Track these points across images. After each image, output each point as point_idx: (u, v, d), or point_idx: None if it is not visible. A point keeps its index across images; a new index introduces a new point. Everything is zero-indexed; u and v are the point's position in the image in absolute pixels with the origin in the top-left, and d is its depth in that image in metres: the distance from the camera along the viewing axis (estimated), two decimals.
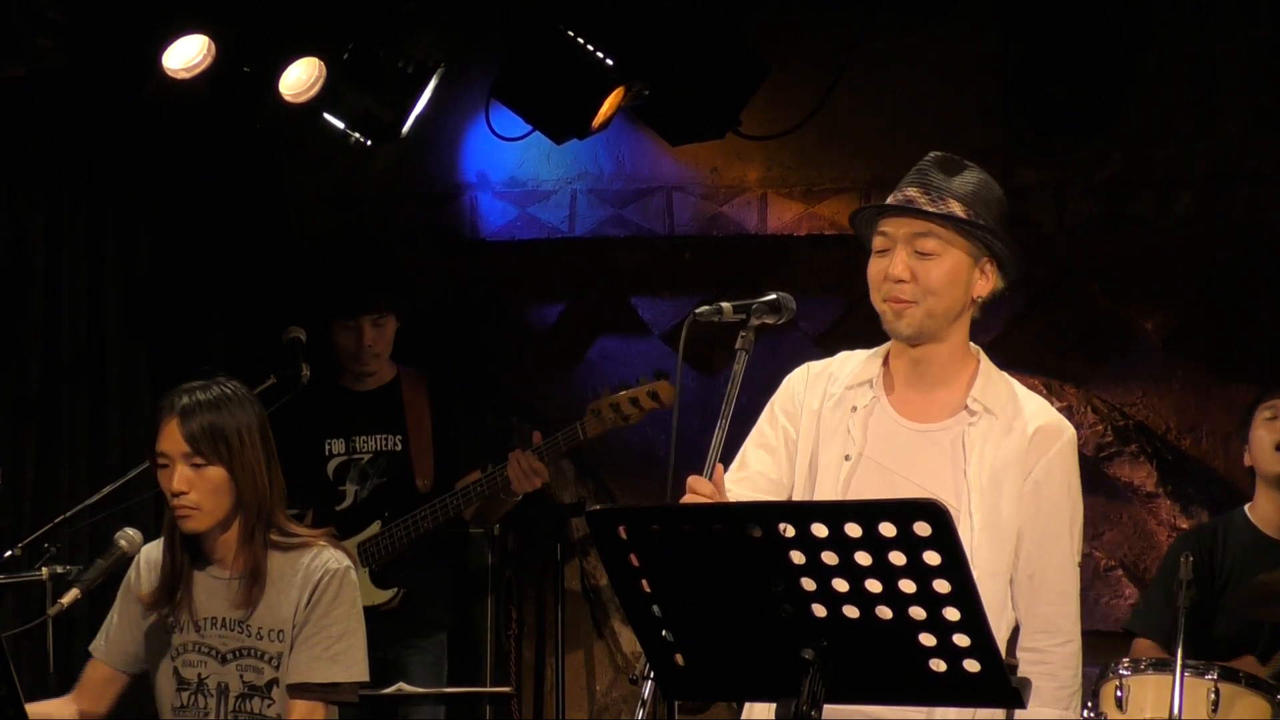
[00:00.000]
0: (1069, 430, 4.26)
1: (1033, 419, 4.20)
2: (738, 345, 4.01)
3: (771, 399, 4.34)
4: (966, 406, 4.19)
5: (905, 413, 4.23)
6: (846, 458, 4.20)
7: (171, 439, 4.72)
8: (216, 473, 4.72)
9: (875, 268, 4.17)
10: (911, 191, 4.17)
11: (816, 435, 4.26)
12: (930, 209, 4.13)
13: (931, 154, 4.24)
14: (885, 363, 4.28)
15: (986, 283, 4.20)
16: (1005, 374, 4.31)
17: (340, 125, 6.82)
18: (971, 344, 4.29)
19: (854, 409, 4.24)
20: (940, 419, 4.21)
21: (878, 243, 4.17)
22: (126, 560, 4.91)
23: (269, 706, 4.79)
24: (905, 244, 4.13)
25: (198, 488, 4.71)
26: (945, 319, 4.16)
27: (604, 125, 7.00)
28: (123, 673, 4.96)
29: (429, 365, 7.09)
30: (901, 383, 4.25)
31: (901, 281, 4.11)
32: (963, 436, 4.17)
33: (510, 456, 6.52)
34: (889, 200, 4.22)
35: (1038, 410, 4.24)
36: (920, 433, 4.20)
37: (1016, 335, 7.39)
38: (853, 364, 4.33)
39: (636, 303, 7.81)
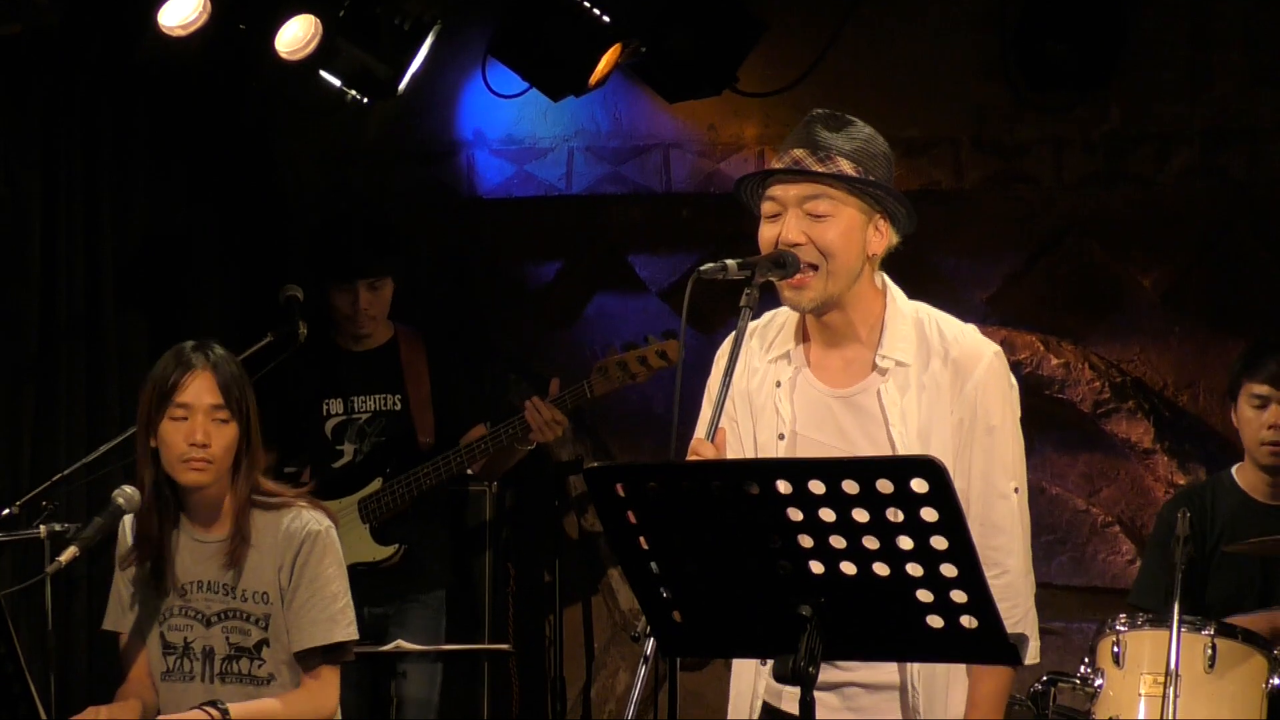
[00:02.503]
0: (988, 351, 4.15)
1: (950, 350, 4.12)
2: (742, 303, 3.97)
3: (708, 383, 4.28)
4: (875, 365, 4.13)
5: (826, 380, 4.18)
6: (781, 436, 4.17)
7: (201, 391, 4.75)
8: (232, 429, 4.78)
9: (767, 234, 4.09)
10: (798, 152, 4.10)
11: (751, 415, 4.24)
12: (820, 169, 4.06)
13: (814, 111, 4.17)
14: (801, 331, 4.24)
15: (881, 239, 4.13)
16: (920, 306, 4.21)
17: (336, 83, 6.80)
18: (879, 279, 4.20)
19: (778, 384, 4.21)
20: (858, 380, 4.15)
21: (767, 208, 4.11)
22: (121, 517, 4.91)
23: (259, 667, 4.81)
24: (796, 207, 4.06)
25: (216, 441, 4.75)
26: (846, 281, 4.09)
27: (601, 82, 6.99)
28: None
29: (426, 323, 7.08)
30: (817, 349, 4.20)
31: (798, 245, 4.05)
32: (880, 396, 4.12)
33: (528, 405, 6.50)
34: (775, 163, 4.17)
35: (954, 339, 4.14)
36: (843, 398, 4.15)
37: (1014, 291, 7.40)
38: (772, 332, 4.28)
39: (634, 260, 7.80)
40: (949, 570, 3.27)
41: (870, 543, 3.28)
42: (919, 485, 3.21)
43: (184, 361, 4.78)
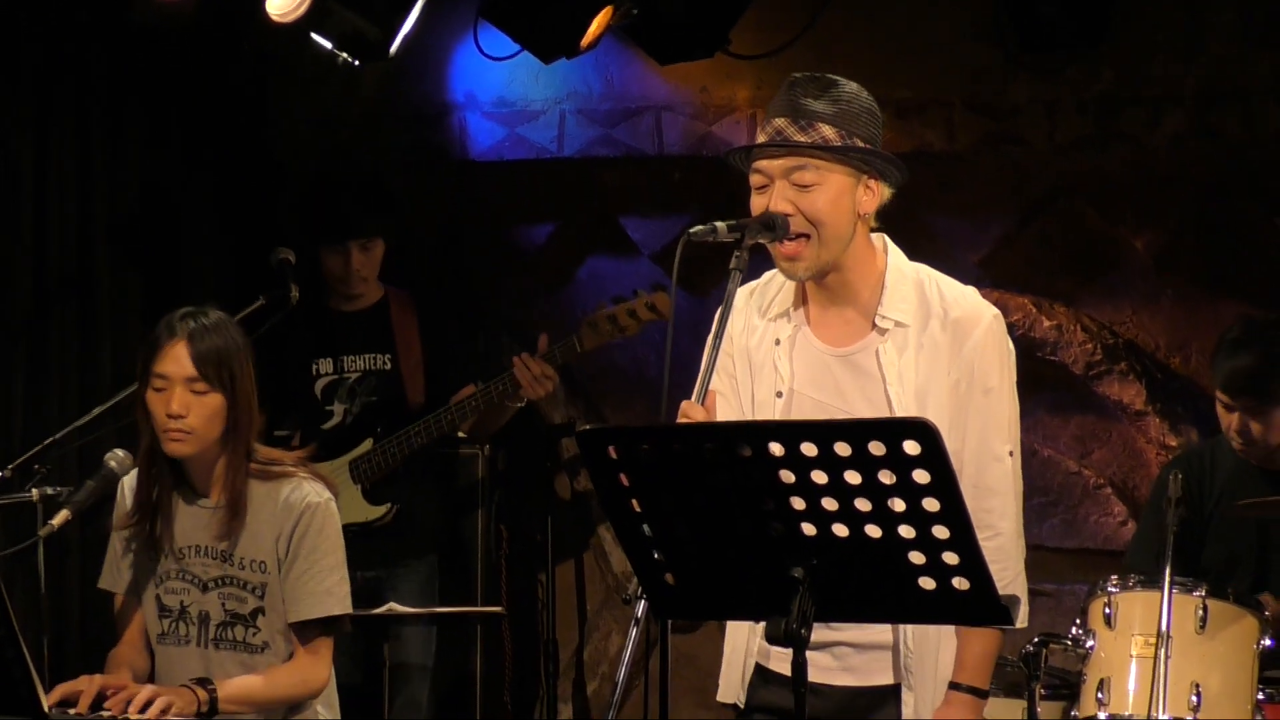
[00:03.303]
0: (988, 314, 4.16)
1: (950, 311, 4.14)
2: (732, 265, 3.97)
3: (708, 342, 4.24)
4: (875, 325, 4.15)
5: (826, 338, 4.19)
6: (779, 394, 4.18)
7: (176, 362, 4.72)
8: (215, 399, 4.74)
9: (757, 205, 4.10)
10: (780, 122, 4.08)
11: (750, 373, 4.25)
12: (801, 139, 4.05)
13: (795, 75, 4.15)
14: (800, 290, 4.24)
15: (872, 198, 4.12)
16: (921, 268, 4.23)
17: (328, 45, 6.78)
18: (879, 239, 4.21)
19: (777, 342, 4.22)
20: (857, 340, 4.17)
21: (755, 180, 4.11)
22: (116, 481, 4.92)
23: (254, 635, 4.82)
24: (782, 178, 4.06)
25: (195, 412, 4.72)
26: (839, 245, 4.09)
27: (593, 45, 6.96)
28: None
29: (418, 286, 7.08)
30: (817, 307, 4.21)
31: (787, 216, 4.04)
32: (878, 355, 4.13)
33: (516, 361, 6.50)
34: (759, 133, 4.17)
35: (954, 301, 4.16)
36: (842, 357, 4.17)
37: (1006, 253, 7.39)
38: (772, 290, 4.29)
39: (625, 223, 7.80)
40: (941, 532, 3.28)
41: (862, 505, 3.28)
42: (911, 447, 3.21)
43: (168, 329, 4.76)
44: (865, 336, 4.16)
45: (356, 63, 6.90)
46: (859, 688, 4.14)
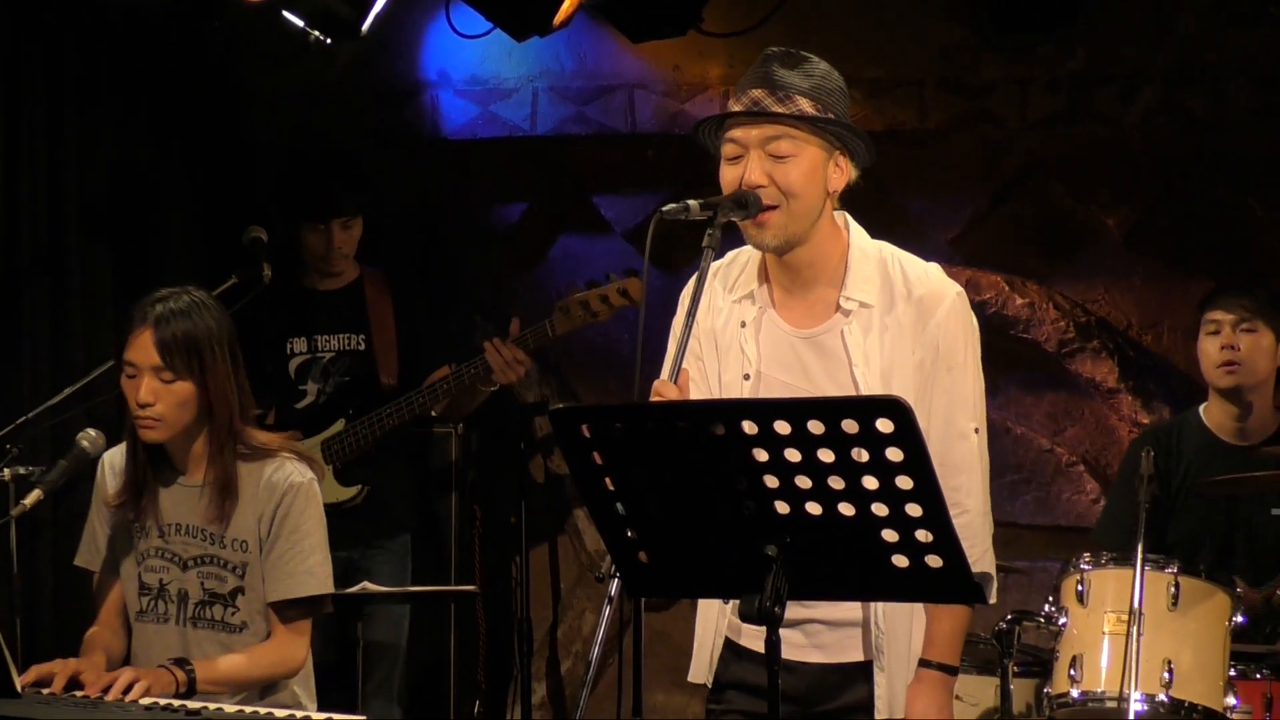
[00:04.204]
0: (951, 292, 4.17)
1: (913, 290, 4.14)
2: (704, 243, 3.97)
3: (673, 323, 4.26)
4: (839, 306, 4.15)
5: (791, 320, 4.20)
6: (746, 377, 4.18)
7: (143, 350, 4.69)
8: (184, 387, 4.70)
9: (729, 176, 4.10)
10: (757, 93, 4.08)
11: (716, 355, 4.25)
12: (780, 109, 4.05)
13: (769, 49, 4.15)
14: (764, 271, 4.25)
15: (841, 175, 4.13)
16: (883, 246, 4.22)
17: (299, 23, 6.76)
18: (840, 218, 4.21)
19: (743, 324, 4.22)
20: (822, 321, 4.17)
21: (728, 150, 4.11)
22: (88, 460, 4.90)
23: (233, 614, 4.80)
24: (758, 148, 4.06)
25: (164, 400, 4.69)
26: (808, 219, 4.10)
27: (565, 23, 6.95)
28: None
29: (391, 264, 7.07)
30: (781, 289, 4.22)
31: (761, 187, 4.04)
32: (843, 337, 4.13)
33: (488, 346, 6.51)
34: (733, 104, 4.16)
35: (917, 279, 4.16)
36: (807, 339, 4.17)
37: (978, 232, 7.41)
38: (735, 271, 4.29)
39: (599, 201, 7.79)
40: (914, 510, 3.28)
41: (836, 483, 3.29)
42: (884, 425, 3.21)
43: (139, 316, 4.72)
44: (830, 318, 4.16)
45: (328, 41, 6.89)
46: (830, 665, 4.15)
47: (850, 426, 3.22)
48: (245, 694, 4.76)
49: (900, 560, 3.35)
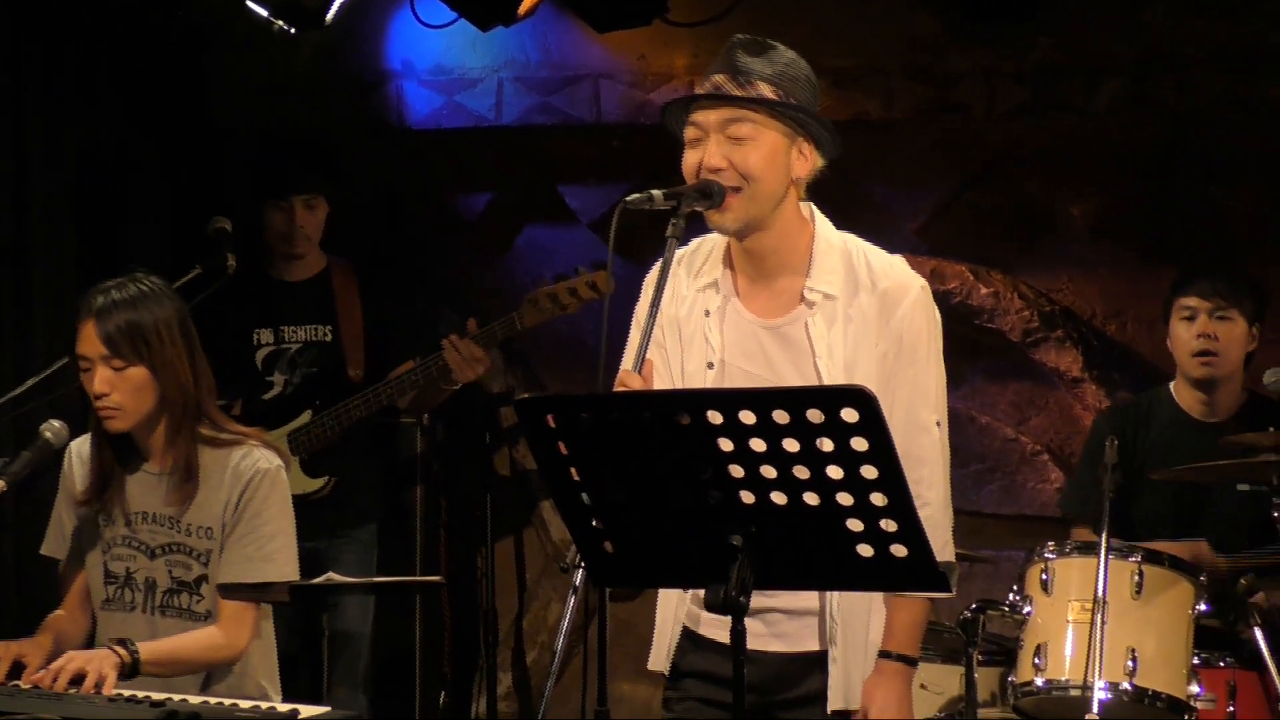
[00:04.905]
0: (915, 285, 4.17)
1: (878, 282, 4.14)
2: (668, 233, 3.97)
3: (635, 312, 4.26)
4: (803, 297, 4.15)
5: (755, 309, 4.20)
6: (710, 365, 4.18)
7: (89, 341, 4.69)
8: (138, 373, 4.69)
9: (690, 160, 4.11)
10: (719, 78, 4.10)
11: (680, 344, 4.25)
12: (739, 93, 4.07)
13: (736, 37, 4.16)
14: (729, 260, 4.25)
15: (805, 163, 4.13)
16: (848, 237, 4.22)
17: (263, 13, 6.75)
18: (806, 208, 4.21)
19: (707, 313, 4.21)
20: (786, 312, 4.17)
21: (689, 134, 4.12)
22: (52, 452, 4.89)
23: (198, 602, 4.79)
24: (718, 131, 4.07)
25: (119, 389, 4.68)
26: (768, 204, 4.10)
27: (530, 12, 6.94)
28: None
29: (357, 255, 7.06)
30: (745, 277, 4.22)
31: (719, 170, 4.05)
32: (807, 328, 4.13)
33: (445, 344, 6.50)
34: (698, 91, 4.17)
35: (882, 272, 4.16)
36: (771, 329, 4.17)
37: (944, 221, 7.41)
38: (699, 259, 4.29)
39: (564, 191, 7.79)
40: (879, 499, 3.29)
41: (800, 472, 3.29)
42: (849, 415, 3.22)
43: (84, 308, 4.73)
44: (794, 309, 4.16)
45: (293, 31, 6.87)
46: (790, 654, 4.15)
47: (815, 416, 3.23)
48: (202, 679, 4.74)
49: (865, 549, 3.36)
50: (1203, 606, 5.63)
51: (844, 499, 3.30)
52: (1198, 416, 6.30)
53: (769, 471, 3.30)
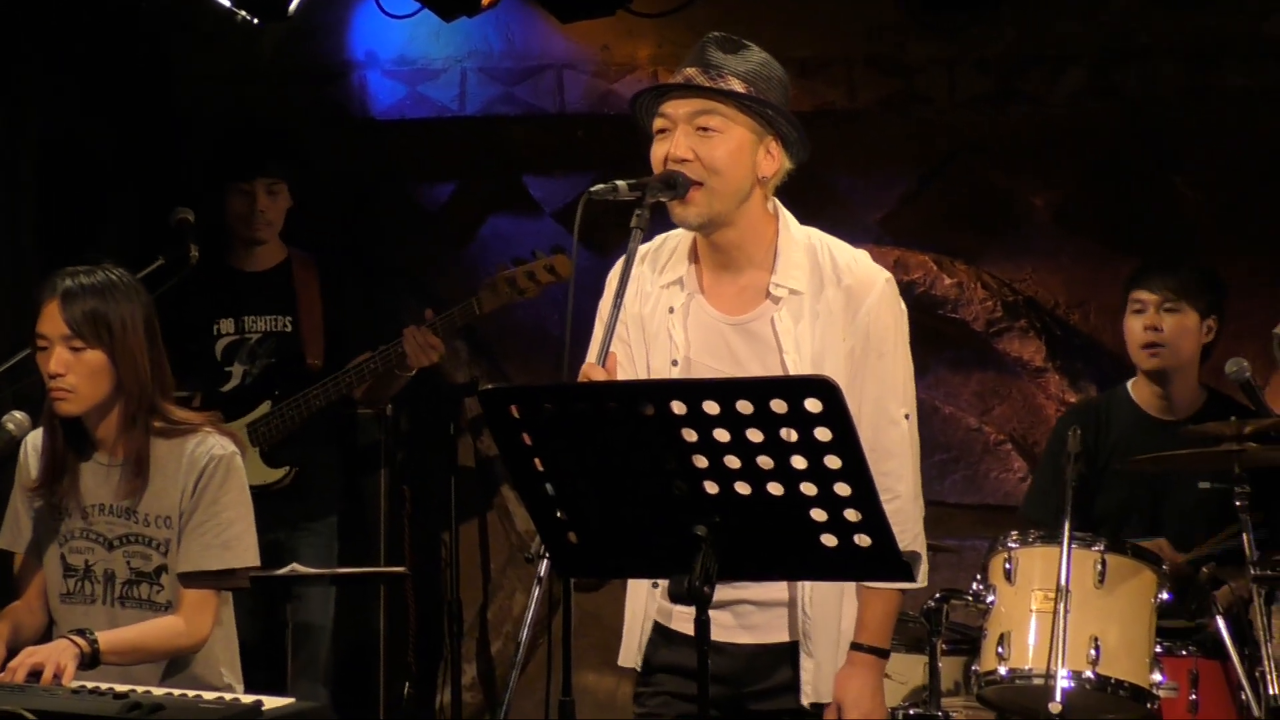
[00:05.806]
0: (880, 279, 4.18)
1: (843, 277, 4.14)
2: (633, 224, 3.97)
3: (600, 305, 4.25)
4: (769, 293, 4.15)
5: (720, 306, 4.19)
6: (674, 363, 4.18)
7: (52, 320, 4.67)
8: (95, 357, 4.68)
9: (657, 151, 4.11)
10: (690, 71, 4.11)
11: (644, 341, 4.24)
12: (709, 85, 4.07)
13: (711, 33, 4.17)
14: (693, 256, 4.25)
15: (772, 162, 4.13)
16: (812, 232, 4.23)
17: (226, 3, 6.73)
18: (771, 204, 4.21)
19: (671, 310, 4.21)
20: (751, 308, 4.17)
21: (658, 124, 4.13)
22: (14, 442, 4.88)
23: (158, 592, 4.77)
24: (686, 123, 4.07)
25: (75, 370, 4.67)
26: (733, 199, 4.10)
27: (494, 2, 6.94)
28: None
29: (320, 245, 7.05)
30: (710, 274, 4.21)
31: (685, 161, 4.05)
32: (773, 324, 4.13)
33: (405, 332, 6.53)
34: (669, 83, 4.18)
35: (847, 267, 4.16)
36: (736, 325, 4.17)
37: (907, 211, 7.42)
38: (664, 255, 4.29)
39: (528, 181, 7.78)
40: (843, 489, 3.29)
41: (765, 462, 3.29)
42: (813, 405, 3.22)
43: (48, 288, 4.72)
44: (760, 305, 4.16)
45: (256, 21, 6.85)
46: (760, 645, 4.16)
47: (779, 406, 3.23)
48: (161, 669, 4.73)
49: (829, 539, 3.36)
50: (1165, 595, 5.65)
51: (808, 489, 3.30)
52: (1156, 414, 6.32)
53: (733, 462, 3.31)
